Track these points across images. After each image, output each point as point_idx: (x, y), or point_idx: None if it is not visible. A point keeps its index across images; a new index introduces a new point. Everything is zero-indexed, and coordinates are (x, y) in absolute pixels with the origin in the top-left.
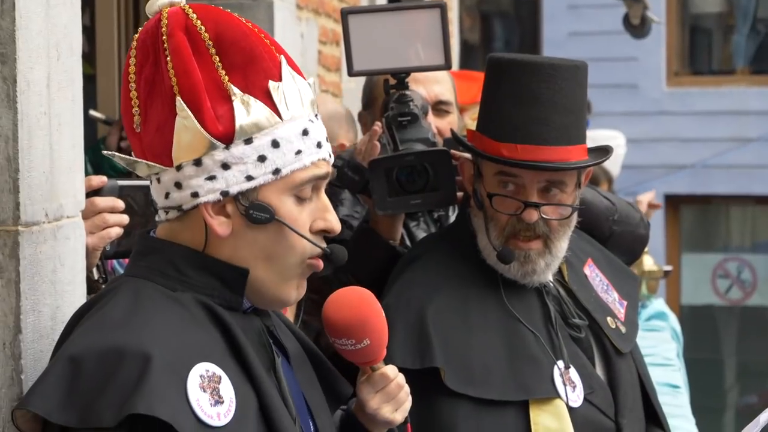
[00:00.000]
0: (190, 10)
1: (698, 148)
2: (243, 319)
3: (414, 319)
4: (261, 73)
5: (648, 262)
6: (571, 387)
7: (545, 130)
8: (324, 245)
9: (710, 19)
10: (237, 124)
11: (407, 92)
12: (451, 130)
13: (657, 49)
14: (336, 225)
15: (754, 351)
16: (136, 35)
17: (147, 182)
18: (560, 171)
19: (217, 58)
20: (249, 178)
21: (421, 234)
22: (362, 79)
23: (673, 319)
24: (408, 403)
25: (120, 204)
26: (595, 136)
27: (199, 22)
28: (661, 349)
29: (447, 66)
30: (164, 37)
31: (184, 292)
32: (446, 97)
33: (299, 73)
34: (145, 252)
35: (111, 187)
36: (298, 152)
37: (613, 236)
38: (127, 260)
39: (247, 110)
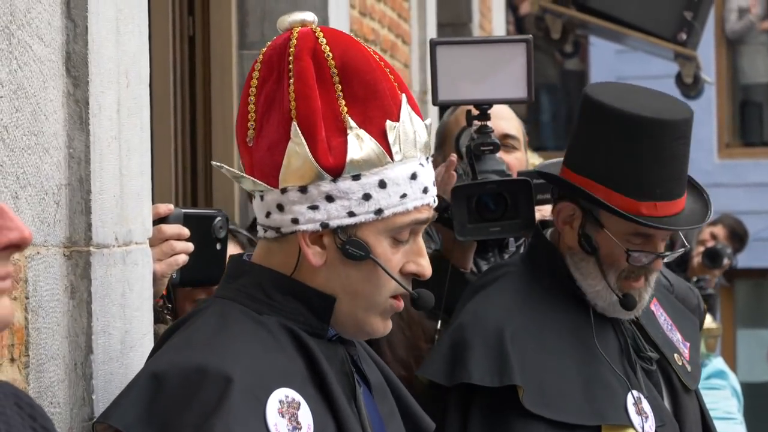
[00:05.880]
0: (321, 33)
1: (752, 221)
2: (327, 347)
3: (492, 339)
4: (380, 110)
5: (707, 319)
6: (643, 417)
7: (677, 185)
8: (411, 289)
9: (760, 89)
10: (348, 159)
11: (488, 123)
12: (548, 174)
13: (708, 121)
14: (427, 270)
15: None
16: (264, 49)
17: (209, 212)
18: (695, 228)
19: (340, 87)
20: (351, 214)
21: None
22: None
23: (733, 378)
24: None
25: (186, 231)
26: None
27: (327, 48)
28: (722, 405)
29: (529, 99)
30: (291, 58)
31: (271, 315)
32: (513, 132)
33: (418, 113)
34: (236, 274)
35: (176, 216)
36: (404, 195)
37: None
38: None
39: (360, 146)
